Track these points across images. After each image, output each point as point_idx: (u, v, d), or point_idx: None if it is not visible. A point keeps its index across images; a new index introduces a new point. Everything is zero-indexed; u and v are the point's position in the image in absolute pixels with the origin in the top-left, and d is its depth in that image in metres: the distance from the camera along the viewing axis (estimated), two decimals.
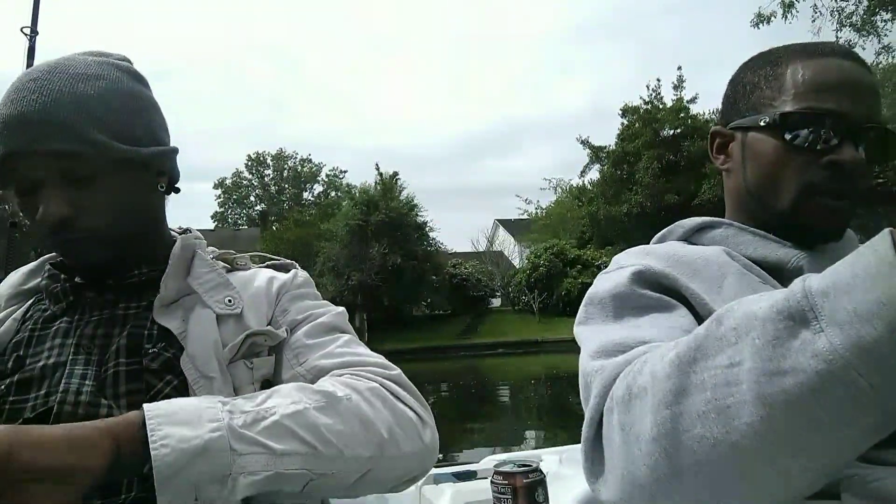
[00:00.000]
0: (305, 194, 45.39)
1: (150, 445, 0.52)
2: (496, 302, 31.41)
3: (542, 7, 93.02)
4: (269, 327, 0.76)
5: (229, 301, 0.77)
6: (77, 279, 0.78)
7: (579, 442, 0.60)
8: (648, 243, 0.79)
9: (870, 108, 0.68)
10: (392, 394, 0.69)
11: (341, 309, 0.84)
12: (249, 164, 44.91)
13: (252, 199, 45.12)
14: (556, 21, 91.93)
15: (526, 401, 13.25)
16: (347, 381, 0.68)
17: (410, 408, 0.70)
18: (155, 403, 0.57)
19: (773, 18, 17.62)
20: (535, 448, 7.69)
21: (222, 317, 0.75)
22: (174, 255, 0.78)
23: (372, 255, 24.90)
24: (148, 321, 0.73)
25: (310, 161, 45.46)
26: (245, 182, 44.79)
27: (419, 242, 27.13)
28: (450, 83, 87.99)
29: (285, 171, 45.20)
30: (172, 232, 0.87)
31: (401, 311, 24.67)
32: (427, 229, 28.40)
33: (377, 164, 27.70)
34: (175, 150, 0.80)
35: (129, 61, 0.79)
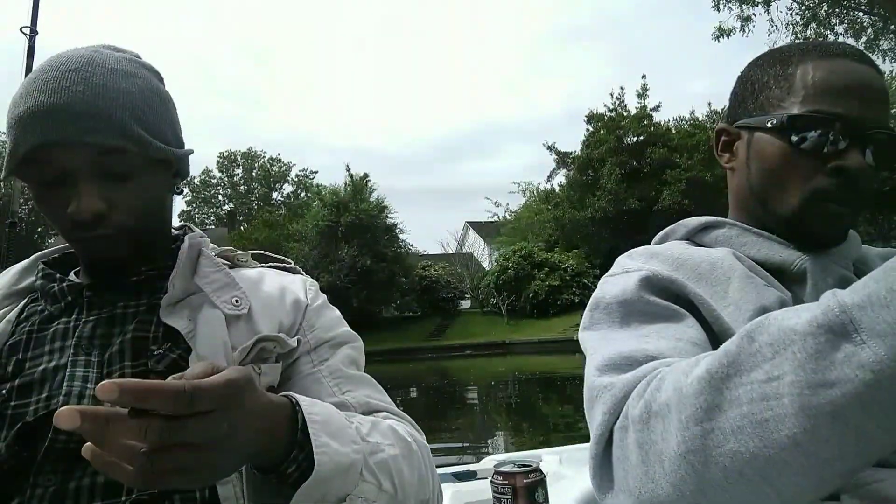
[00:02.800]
0: (275, 194, 44.88)
1: (315, 452, 0.52)
2: (465, 304, 31.56)
3: (521, 11, 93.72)
4: (280, 334, 0.74)
5: (236, 301, 0.75)
6: (73, 278, 0.76)
7: (576, 443, 0.68)
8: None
9: (878, 112, 0.67)
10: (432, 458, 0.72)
11: (360, 342, 0.83)
12: (221, 161, 44.22)
13: (220, 198, 44.50)
14: (535, 25, 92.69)
15: (493, 401, 13.51)
16: (412, 432, 0.70)
17: (436, 474, 0.72)
18: (303, 402, 0.55)
19: (732, 33, 18.37)
20: (503, 446, 7.89)
21: (230, 318, 0.73)
22: (182, 254, 0.77)
23: (341, 256, 24.85)
24: (152, 322, 0.71)
25: (279, 161, 45.01)
26: (214, 181, 44.15)
27: (389, 244, 27.12)
28: (426, 84, 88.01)
29: (255, 171, 44.64)
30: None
31: (370, 312, 24.66)
32: (397, 231, 28.40)
33: (347, 166, 27.64)
34: (192, 152, 0.81)
35: (140, 58, 0.79)
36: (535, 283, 25.77)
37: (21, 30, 2.54)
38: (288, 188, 45.15)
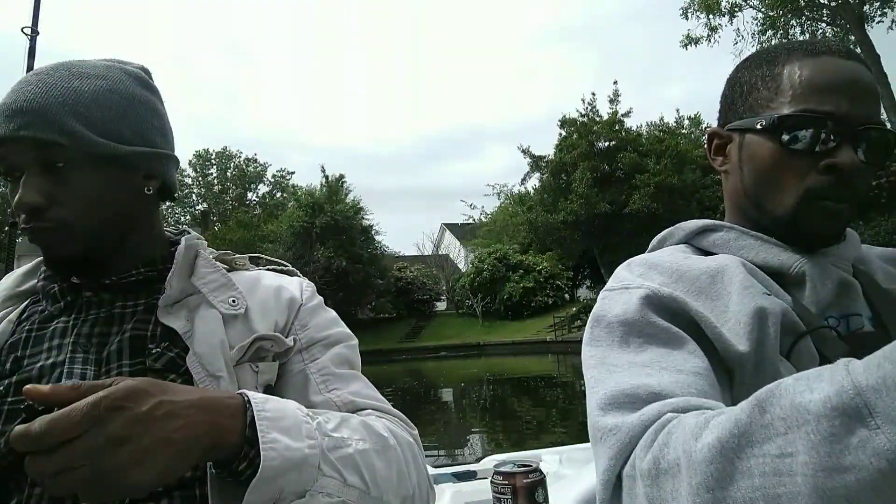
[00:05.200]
0: (250, 195, 44.47)
1: (261, 447, 0.53)
2: (441, 305, 31.68)
3: (506, 13, 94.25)
4: (277, 334, 0.76)
5: (233, 301, 0.77)
6: (74, 279, 0.77)
7: (576, 442, 0.70)
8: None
9: (868, 108, 0.66)
10: (418, 453, 0.72)
11: (355, 341, 0.84)
12: (195, 160, 43.52)
13: (194, 197, 43.83)
14: (520, 28, 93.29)
15: (468, 403, 13.66)
16: (392, 427, 0.70)
17: (425, 469, 0.72)
18: (255, 399, 0.57)
19: (700, 42, 18.97)
20: (480, 450, 7.97)
21: (227, 317, 0.75)
22: (179, 255, 0.78)
23: (316, 257, 24.77)
24: (150, 322, 0.73)
25: (255, 161, 44.60)
26: (188, 180, 43.45)
27: (365, 246, 27.10)
28: (407, 85, 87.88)
29: (229, 171, 44.13)
30: (167, 232, 0.86)
31: (345, 314, 24.15)
32: (373, 233, 28.38)
33: (322, 167, 27.50)
34: (167, 156, 0.79)
35: (146, 71, 0.80)
36: (509, 285, 26.01)
37: (22, 30, 2.56)
38: (263, 188, 44.79)
